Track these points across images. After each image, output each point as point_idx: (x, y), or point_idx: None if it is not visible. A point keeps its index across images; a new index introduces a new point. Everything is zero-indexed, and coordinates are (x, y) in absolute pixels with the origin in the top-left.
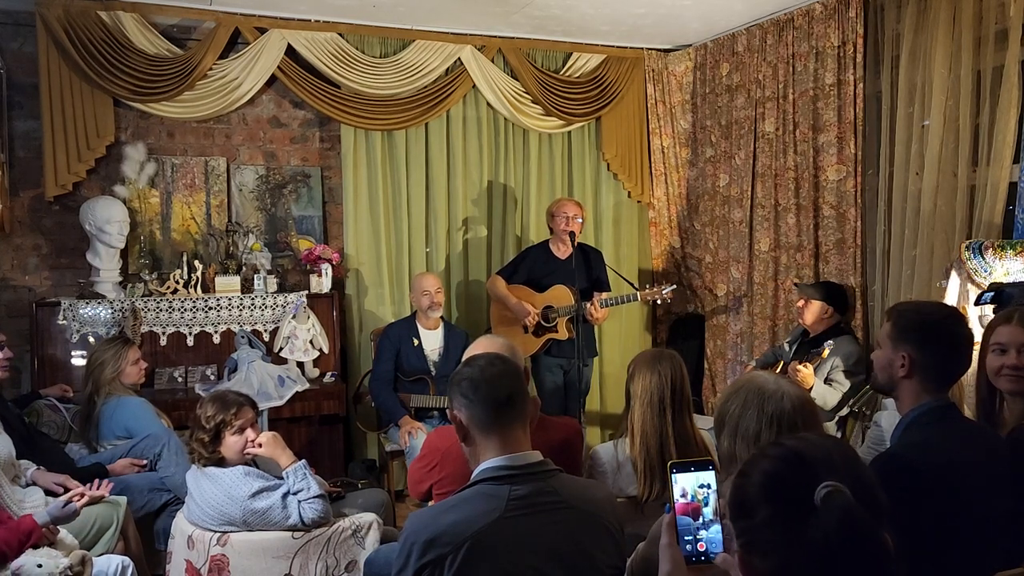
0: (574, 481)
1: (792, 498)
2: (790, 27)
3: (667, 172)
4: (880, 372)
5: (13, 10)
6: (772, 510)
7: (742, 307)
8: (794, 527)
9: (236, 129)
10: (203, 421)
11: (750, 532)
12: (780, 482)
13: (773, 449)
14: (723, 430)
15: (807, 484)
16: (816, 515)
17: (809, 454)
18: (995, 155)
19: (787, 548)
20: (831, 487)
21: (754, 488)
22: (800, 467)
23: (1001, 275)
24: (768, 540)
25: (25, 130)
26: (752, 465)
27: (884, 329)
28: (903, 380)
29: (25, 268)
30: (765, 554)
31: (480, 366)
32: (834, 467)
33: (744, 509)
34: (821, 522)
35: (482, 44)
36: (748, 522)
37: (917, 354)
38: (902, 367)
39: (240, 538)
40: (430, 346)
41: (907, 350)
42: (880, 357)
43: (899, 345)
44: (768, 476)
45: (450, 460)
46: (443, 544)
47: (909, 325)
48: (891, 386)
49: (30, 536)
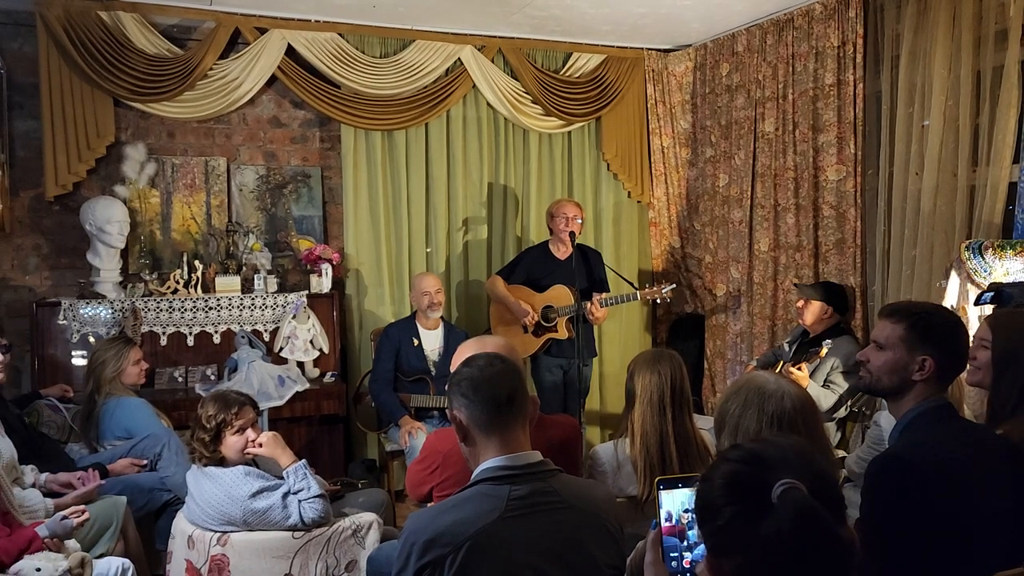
0: (574, 481)
1: (751, 496)
2: (790, 27)
3: (667, 172)
4: (887, 375)
5: (13, 10)
6: (733, 510)
7: (741, 307)
8: (754, 525)
9: (236, 129)
10: (204, 421)
11: (715, 535)
12: (739, 482)
13: (733, 452)
14: (723, 430)
15: (765, 482)
16: (773, 512)
17: (767, 454)
18: (995, 155)
19: (748, 546)
20: (787, 484)
21: (716, 490)
22: (758, 467)
23: (1001, 275)
24: (731, 540)
25: (25, 130)
26: (714, 469)
27: (895, 331)
28: (917, 383)
29: (25, 268)
30: (729, 554)
31: (480, 366)
32: (792, 465)
33: (708, 512)
34: (778, 518)
35: (482, 44)
36: (712, 525)
37: (939, 358)
38: (920, 370)
39: (240, 538)
40: (430, 346)
41: (929, 353)
42: (889, 359)
43: (919, 349)
44: (728, 477)
45: (451, 462)
46: (443, 544)
47: (929, 329)
48: (900, 388)
49: (29, 545)
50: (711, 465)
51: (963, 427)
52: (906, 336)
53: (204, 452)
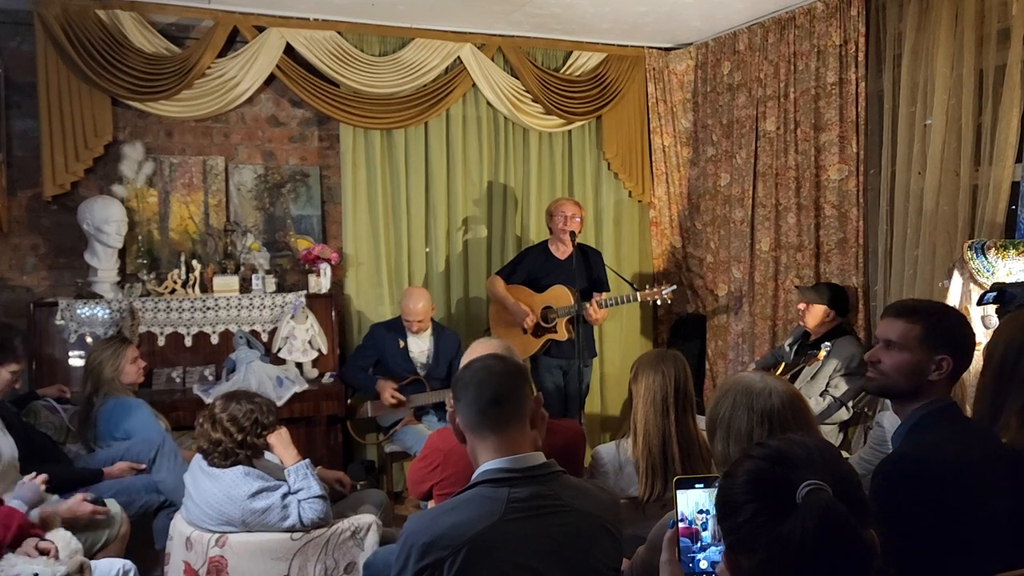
0: (576, 483)
1: (775, 495)
2: (791, 26)
3: (668, 171)
4: (903, 376)
5: (11, 9)
6: (756, 507)
7: (743, 307)
8: (777, 524)
9: (234, 128)
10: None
11: (736, 531)
12: (764, 480)
13: (757, 450)
14: (716, 434)
15: (790, 482)
16: (798, 512)
17: (792, 453)
18: (997, 154)
19: (770, 545)
20: (813, 485)
21: (739, 487)
22: (783, 466)
23: (1004, 275)
24: (752, 537)
25: (23, 129)
26: (737, 466)
27: (911, 331)
28: (931, 384)
29: (23, 268)
30: (750, 552)
31: (474, 368)
32: (817, 466)
33: (730, 509)
34: (802, 519)
35: (482, 43)
36: (733, 521)
37: (956, 358)
38: (938, 371)
39: (239, 539)
40: (418, 348)
41: (948, 354)
42: (906, 360)
43: (937, 349)
44: (752, 475)
45: (452, 461)
46: (442, 547)
47: (948, 329)
48: (916, 389)
49: (12, 519)
50: (734, 462)
51: (969, 428)
52: (924, 336)
53: (237, 450)
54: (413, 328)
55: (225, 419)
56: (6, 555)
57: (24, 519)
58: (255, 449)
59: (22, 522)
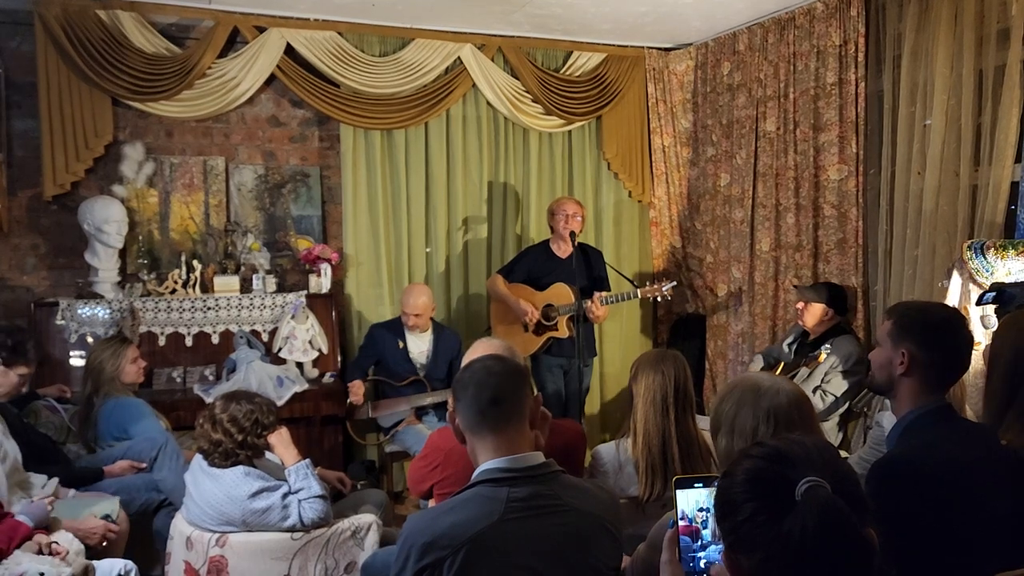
0: (576, 483)
1: (774, 494)
2: (791, 26)
3: (668, 171)
4: (879, 371)
5: (11, 9)
6: (755, 506)
7: (743, 307)
8: (776, 522)
9: (235, 128)
10: (242, 418)
11: (735, 531)
12: (762, 479)
13: (756, 449)
14: (720, 430)
15: (789, 480)
16: (797, 509)
17: (791, 452)
18: (997, 154)
19: (769, 543)
20: (812, 482)
21: (738, 487)
22: (782, 464)
23: (1003, 275)
24: (752, 536)
25: (23, 129)
26: (736, 465)
27: (884, 327)
28: (902, 378)
29: (23, 268)
30: (749, 551)
31: (474, 368)
32: (816, 465)
33: (729, 508)
34: (801, 516)
35: (482, 43)
36: (733, 520)
37: (917, 352)
38: (901, 364)
39: (239, 539)
40: (417, 349)
41: (907, 347)
42: (879, 355)
43: (899, 343)
44: (751, 474)
45: (452, 460)
46: (442, 547)
47: (911, 323)
48: (889, 385)
49: (17, 532)
50: (732, 461)
51: (964, 428)
52: (891, 331)
53: (238, 451)
54: (410, 324)
55: (225, 419)
56: (14, 552)
57: (29, 532)
58: (255, 449)
59: (26, 535)
